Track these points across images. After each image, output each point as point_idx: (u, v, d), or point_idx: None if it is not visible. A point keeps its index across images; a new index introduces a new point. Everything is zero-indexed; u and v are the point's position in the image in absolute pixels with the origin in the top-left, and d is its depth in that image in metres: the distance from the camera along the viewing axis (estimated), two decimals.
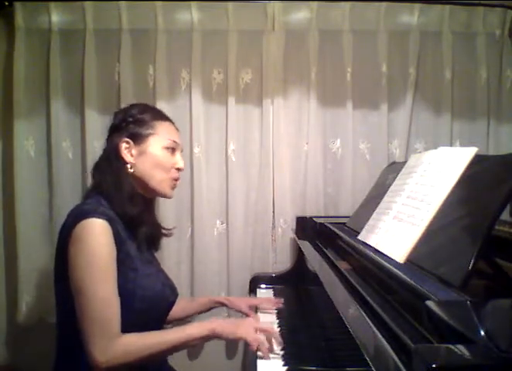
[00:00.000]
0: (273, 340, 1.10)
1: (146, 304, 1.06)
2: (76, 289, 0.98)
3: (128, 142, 1.13)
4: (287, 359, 1.07)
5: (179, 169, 1.19)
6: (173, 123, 1.23)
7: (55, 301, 1.09)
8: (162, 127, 1.17)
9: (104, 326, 0.96)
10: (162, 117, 1.20)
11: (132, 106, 1.21)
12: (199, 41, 1.80)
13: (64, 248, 1.01)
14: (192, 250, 1.83)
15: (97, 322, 0.95)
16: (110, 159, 1.13)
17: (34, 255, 1.75)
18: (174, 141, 1.18)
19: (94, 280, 0.97)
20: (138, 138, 1.13)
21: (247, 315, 1.36)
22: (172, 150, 1.17)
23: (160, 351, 1.02)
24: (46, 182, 1.81)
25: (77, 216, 1.01)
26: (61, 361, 1.08)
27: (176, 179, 1.20)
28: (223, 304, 1.41)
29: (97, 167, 1.15)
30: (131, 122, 1.14)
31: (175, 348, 1.04)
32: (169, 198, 1.22)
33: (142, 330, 1.02)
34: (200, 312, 1.43)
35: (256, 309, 1.43)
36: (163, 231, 1.29)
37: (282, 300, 1.45)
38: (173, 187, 1.19)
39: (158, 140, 1.15)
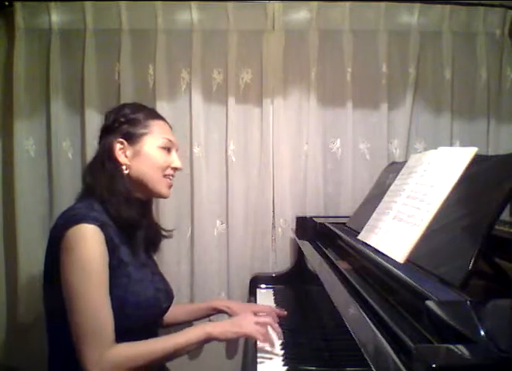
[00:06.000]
0: (272, 332, 1.07)
1: (138, 311, 1.04)
2: (68, 297, 0.96)
3: (122, 142, 1.10)
4: (287, 359, 1.07)
5: (176, 168, 1.17)
6: (167, 121, 1.20)
7: (44, 304, 1.07)
8: (156, 126, 1.14)
9: (96, 335, 0.94)
10: (155, 115, 1.18)
11: (123, 105, 1.19)
12: (199, 41, 1.80)
13: (54, 254, 0.99)
14: (192, 250, 1.82)
15: (89, 331, 0.94)
16: (104, 161, 1.10)
17: (34, 255, 1.74)
18: (169, 140, 1.15)
19: (86, 288, 0.95)
20: (132, 138, 1.11)
21: None
22: (168, 149, 1.15)
23: (154, 359, 0.99)
24: (46, 181, 1.81)
25: (68, 221, 0.99)
26: (54, 362, 1.07)
27: (171, 176, 1.17)
28: (223, 312, 1.37)
29: (90, 169, 1.12)
30: (124, 122, 1.12)
31: (171, 355, 1.02)
32: (166, 197, 1.20)
33: (134, 336, 1.00)
34: (199, 318, 1.40)
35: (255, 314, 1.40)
36: (162, 233, 1.27)
37: (285, 312, 1.35)
38: (169, 186, 1.17)
39: (153, 139, 1.12)
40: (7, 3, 1.74)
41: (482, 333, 0.52)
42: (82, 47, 1.76)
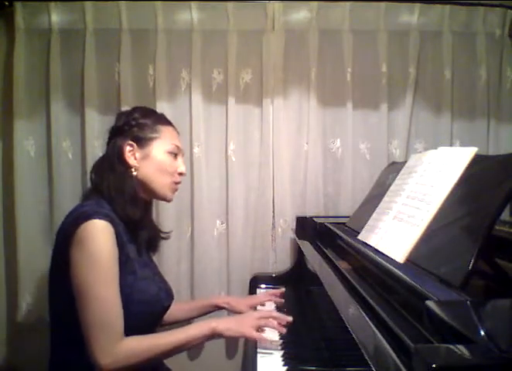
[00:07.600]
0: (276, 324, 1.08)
1: (141, 308, 1.05)
2: (78, 292, 0.97)
3: (131, 145, 1.14)
4: (287, 359, 1.07)
5: (181, 174, 1.20)
6: (175, 127, 1.24)
7: (48, 301, 1.09)
8: (165, 132, 1.18)
9: (107, 329, 0.95)
10: (164, 121, 1.22)
11: (135, 109, 1.22)
12: (199, 41, 1.80)
13: (63, 249, 1.00)
14: (192, 250, 1.82)
15: (100, 325, 0.95)
16: (113, 161, 1.13)
17: (34, 255, 1.74)
18: (177, 146, 1.19)
19: (98, 282, 0.96)
20: (141, 142, 1.14)
21: None
22: (175, 155, 1.19)
23: (162, 353, 1.02)
24: (46, 181, 1.81)
25: (79, 217, 1.00)
26: (55, 360, 1.08)
27: (178, 183, 1.21)
28: (222, 308, 1.39)
29: (98, 169, 1.15)
30: (135, 125, 1.15)
31: (177, 349, 1.04)
32: (169, 201, 1.23)
33: (135, 334, 1.01)
34: (199, 316, 1.41)
35: (255, 308, 1.41)
36: (161, 234, 1.30)
37: (283, 289, 1.45)
38: (174, 191, 1.21)
39: (161, 144, 1.16)
40: (7, 3, 1.74)
41: (483, 333, 0.52)
42: (82, 47, 1.76)
